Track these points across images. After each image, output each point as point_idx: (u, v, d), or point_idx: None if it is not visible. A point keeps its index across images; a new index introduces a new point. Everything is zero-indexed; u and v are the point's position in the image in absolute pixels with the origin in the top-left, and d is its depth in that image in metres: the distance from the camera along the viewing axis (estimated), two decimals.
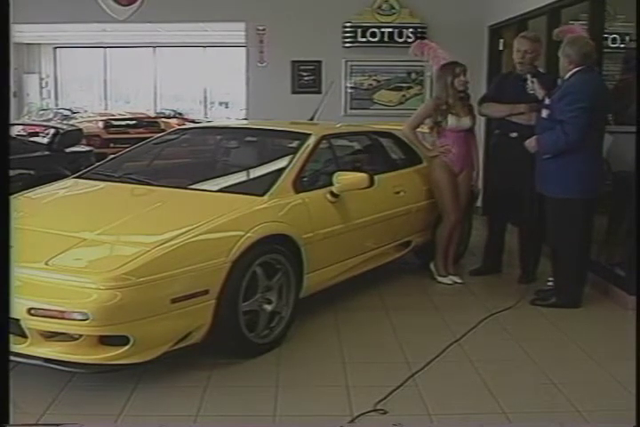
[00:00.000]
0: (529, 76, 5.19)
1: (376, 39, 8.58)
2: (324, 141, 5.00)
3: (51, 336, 3.35)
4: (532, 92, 5.14)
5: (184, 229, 3.69)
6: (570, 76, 4.69)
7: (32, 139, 9.26)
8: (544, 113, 4.78)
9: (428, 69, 8.48)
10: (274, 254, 4.03)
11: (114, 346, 3.34)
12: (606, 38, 5.69)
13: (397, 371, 3.75)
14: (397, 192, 5.31)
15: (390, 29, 8.57)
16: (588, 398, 3.45)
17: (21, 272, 3.38)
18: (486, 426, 3.21)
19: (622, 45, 5.81)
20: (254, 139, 5.49)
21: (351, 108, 8.79)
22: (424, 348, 4.10)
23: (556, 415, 3.30)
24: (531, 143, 4.86)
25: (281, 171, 4.53)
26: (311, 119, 6.23)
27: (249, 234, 3.83)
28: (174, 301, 3.45)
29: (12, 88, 18.62)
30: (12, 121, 15.55)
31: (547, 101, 4.80)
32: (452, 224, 5.53)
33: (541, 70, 5.56)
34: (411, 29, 8.54)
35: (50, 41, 19.29)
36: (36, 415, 3.19)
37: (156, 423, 3.16)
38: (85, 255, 3.59)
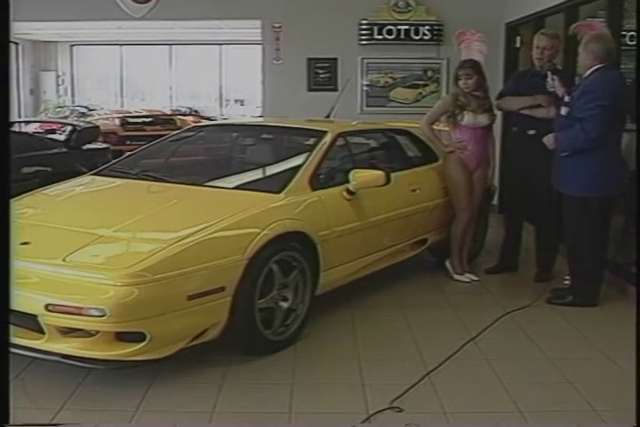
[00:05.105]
0: (549, 74, 5.16)
1: (392, 37, 8.57)
2: (341, 139, 4.99)
3: (68, 332, 3.37)
4: (552, 89, 5.12)
5: (201, 227, 3.70)
6: (590, 74, 4.65)
7: (49, 136, 9.29)
8: (563, 111, 4.75)
9: (444, 67, 8.52)
10: (290, 252, 4.03)
11: (130, 342, 3.35)
12: (624, 36, 5.65)
13: (413, 369, 3.74)
14: (414, 190, 5.30)
15: (406, 27, 8.56)
16: (604, 397, 3.43)
17: (39, 268, 3.43)
18: (502, 425, 3.20)
19: None
20: (270, 136, 5.49)
21: (367, 106, 8.78)
22: (440, 346, 4.09)
23: (573, 415, 3.28)
24: (549, 140, 4.83)
25: (297, 168, 4.53)
26: (327, 117, 6.24)
27: (265, 231, 3.84)
28: (191, 298, 3.46)
29: (29, 86, 18.79)
30: (30, 118, 15.66)
31: (566, 99, 4.76)
32: (465, 221, 5.51)
33: (559, 67, 5.52)
34: (427, 27, 8.53)
35: (67, 39, 19.33)
36: (53, 411, 3.21)
37: (170, 423, 3.17)
38: (102, 252, 3.61)
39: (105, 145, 8.66)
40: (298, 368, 3.77)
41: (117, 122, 13.84)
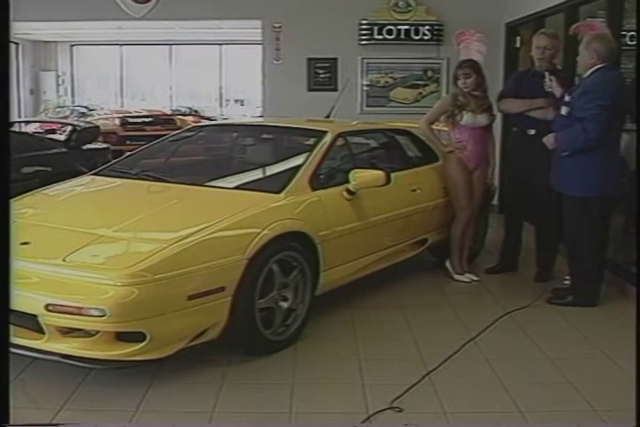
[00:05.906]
0: (547, 74, 5.16)
1: (392, 37, 8.58)
2: (341, 139, 4.99)
3: (68, 332, 3.37)
4: (549, 89, 5.13)
5: (201, 227, 3.70)
6: (590, 74, 4.65)
7: (49, 136, 9.29)
8: (563, 110, 4.75)
9: (444, 67, 8.52)
10: (290, 252, 4.02)
11: (130, 342, 3.35)
12: (624, 36, 5.65)
13: (413, 369, 3.74)
14: (414, 190, 5.30)
15: (406, 27, 8.57)
16: (604, 397, 3.43)
17: (39, 268, 3.42)
18: (502, 425, 3.20)
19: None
20: (270, 136, 5.49)
21: (367, 106, 8.78)
22: (440, 346, 4.09)
23: (573, 415, 3.28)
24: (549, 140, 4.83)
25: (297, 168, 4.53)
26: (327, 117, 6.24)
27: (265, 231, 3.83)
28: (191, 297, 3.46)
29: (29, 86, 18.78)
30: (30, 118, 15.65)
31: (567, 98, 4.76)
32: (465, 220, 5.51)
33: (559, 67, 5.52)
34: (427, 27, 8.54)
35: (67, 39, 19.30)
36: (53, 411, 3.21)
37: (170, 423, 3.17)
38: (103, 252, 3.60)
39: (105, 145, 8.65)
40: (298, 368, 3.77)
41: (117, 122, 13.82)
